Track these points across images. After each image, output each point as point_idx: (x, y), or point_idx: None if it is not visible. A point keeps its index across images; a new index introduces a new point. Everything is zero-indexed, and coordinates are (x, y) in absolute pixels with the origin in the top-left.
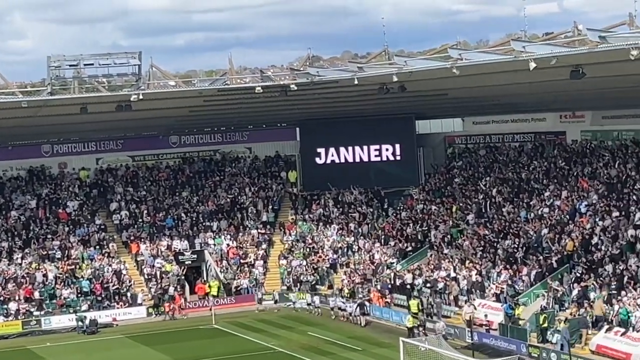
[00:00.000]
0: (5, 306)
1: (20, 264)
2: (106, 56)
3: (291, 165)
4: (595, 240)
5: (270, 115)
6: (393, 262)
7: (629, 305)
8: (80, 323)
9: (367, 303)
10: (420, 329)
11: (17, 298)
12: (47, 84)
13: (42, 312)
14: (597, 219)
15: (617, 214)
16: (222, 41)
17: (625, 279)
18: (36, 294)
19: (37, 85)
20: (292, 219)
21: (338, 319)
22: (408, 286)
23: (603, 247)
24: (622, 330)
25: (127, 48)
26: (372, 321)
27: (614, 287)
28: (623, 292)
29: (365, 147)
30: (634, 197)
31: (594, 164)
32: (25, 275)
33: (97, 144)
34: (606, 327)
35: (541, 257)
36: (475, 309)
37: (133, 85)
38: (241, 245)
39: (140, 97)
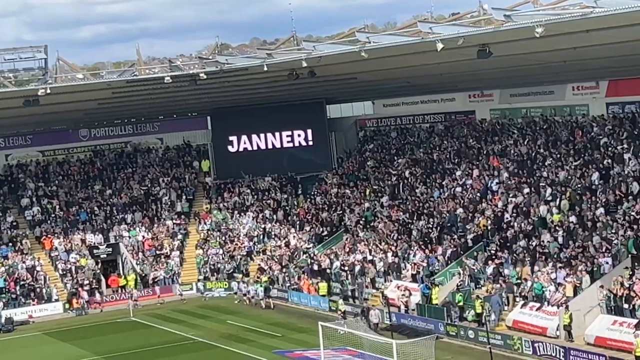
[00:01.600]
0: None
1: None
2: (11, 51)
3: (204, 154)
4: (507, 217)
5: (181, 105)
6: (309, 247)
7: (543, 280)
8: None
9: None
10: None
11: None
12: None
13: None
14: (509, 196)
15: (528, 190)
16: (129, 32)
17: (538, 254)
18: None
19: None
20: (207, 208)
21: (243, 302)
22: (327, 270)
23: (515, 224)
24: (537, 305)
25: (32, 42)
26: (277, 304)
27: (527, 262)
28: (536, 267)
29: (277, 134)
30: (544, 173)
31: (504, 142)
32: None
33: (5, 139)
34: (521, 302)
35: (455, 236)
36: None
37: (40, 80)
38: (156, 237)
39: (48, 91)
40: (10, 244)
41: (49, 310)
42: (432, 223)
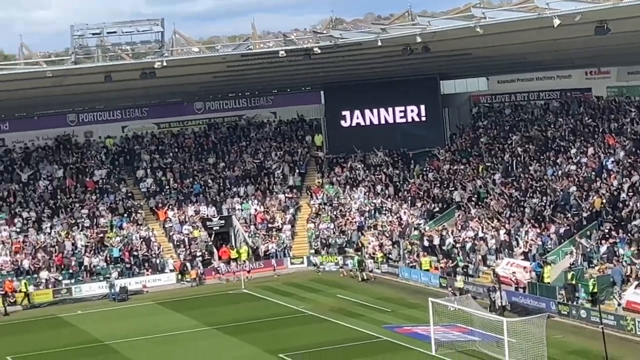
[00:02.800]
0: (36, 275)
1: (50, 233)
2: (129, 24)
3: (316, 128)
4: (623, 196)
5: (295, 79)
6: (420, 223)
7: None
8: (111, 290)
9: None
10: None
11: (48, 267)
12: (71, 53)
13: (73, 281)
14: (624, 175)
15: None
16: (244, 6)
17: None
18: (68, 262)
19: (61, 55)
20: (319, 182)
21: (340, 274)
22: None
23: (631, 203)
24: None
25: (149, 15)
26: (386, 279)
27: None
28: None
29: (390, 109)
30: None
31: (620, 120)
32: (54, 244)
33: (122, 112)
34: (635, 283)
35: (569, 215)
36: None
37: (156, 53)
38: (268, 210)
39: (164, 64)
40: (126, 215)
41: (162, 280)
42: (545, 201)
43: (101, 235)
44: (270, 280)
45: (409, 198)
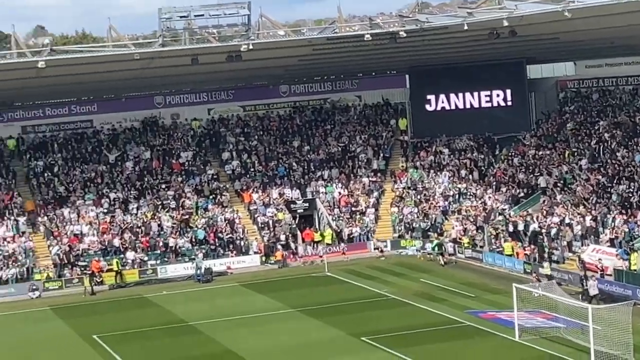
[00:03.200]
0: (123, 256)
1: (136, 214)
2: (216, 7)
3: (401, 112)
4: None
5: (380, 63)
6: (505, 209)
7: None
8: (196, 271)
9: None
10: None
11: (134, 247)
12: (159, 35)
13: (158, 261)
14: None
15: None
16: None
17: None
18: (154, 243)
19: (149, 38)
20: (403, 166)
21: (419, 258)
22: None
23: None
24: None
25: None
26: (470, 264)
27: None
28: None
29: (475, 93)
30: None
31: None
32: (141, 225)
33: (208, 94)
34: None
35: None
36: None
37: (243, 36)
38: (352, 193)
39: (250, 47)
40: (211, 197)
41: (246, 262)
42: (632, 187)
43: (186, 216)
44: (353, 264)
45: (494, 183)
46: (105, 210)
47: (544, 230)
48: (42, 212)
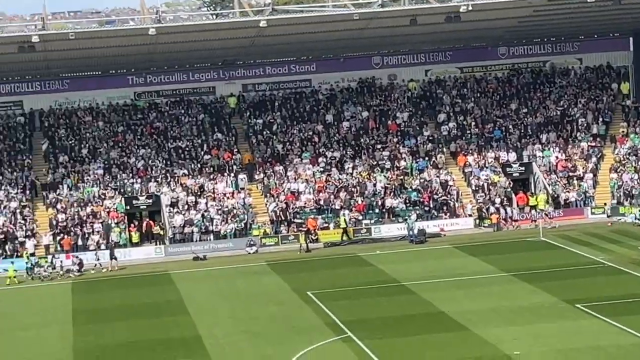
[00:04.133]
0: (332, 214)
1: (351, 174)
2: None
3: (624, 76)
4: None
5: (602, 25)
6: None
7: None
8: (410, 232)
9: None
10: None
11: (348, 207)
12: None
13: (372, 221)
14: None
15: None
16: None
17: None
18: (368, 203)
19: None
20: (624, 131)
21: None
22: None
23: None
24: None
25: None
26: None
27: None
28: None
29: None
30: None
31: None
32: (356, 184)
33: (426, 55)
34: None
35: None
36: None
37: None
38: (570, 158)
39: (470, 8)
40: (426, 158)
41: (459, 224)
42: None
43: (401, 177)
44: (569, 230)
45: None
46: (322, 169)
47: None
48: (261, 169)
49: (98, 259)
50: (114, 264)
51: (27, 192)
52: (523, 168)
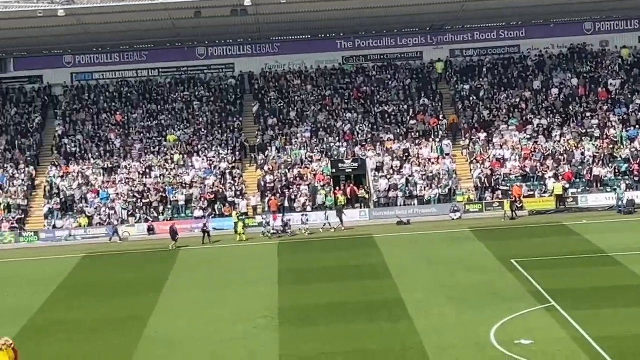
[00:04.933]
0: (540, 182)
1: (559, 141)
2: None
3: None
4: None
5: None
6: None
7: None
8: (618, 202)
9: None
10: None
11: (555, 175)
12: None
13: (580, 190)
14: None
15: None
16: None
17: None
18: (576, 172)
19: None
20: None
21: None
22: None
23: None
24: None
25: None
26: None
27: None
28: None
29: None
30: None
31: None
32: (563, 152)
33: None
34: None
35: None
36: None
37: None
38: None
39: None
40: (637, 127)
41: None
42: None
43: (611, 146)
44: None
45: None
46: (529, 137)
47: None
48: (467, 135)
49: (327, 218)
50: (340, 226)
51: (237, 153)
52: None
